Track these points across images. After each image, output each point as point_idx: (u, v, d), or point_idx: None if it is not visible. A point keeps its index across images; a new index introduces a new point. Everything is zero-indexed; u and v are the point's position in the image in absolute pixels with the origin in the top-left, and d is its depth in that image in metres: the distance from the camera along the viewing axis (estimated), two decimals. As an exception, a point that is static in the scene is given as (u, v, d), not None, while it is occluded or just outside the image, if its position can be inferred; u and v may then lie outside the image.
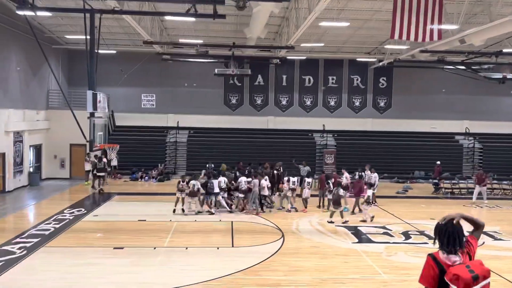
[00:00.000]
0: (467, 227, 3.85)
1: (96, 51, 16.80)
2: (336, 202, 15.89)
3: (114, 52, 25.53)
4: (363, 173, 19.97)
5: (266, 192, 17.29)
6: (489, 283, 3.41)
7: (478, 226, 3.93)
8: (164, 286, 9.56)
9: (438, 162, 22.74)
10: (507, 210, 19.04)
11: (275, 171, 19.41)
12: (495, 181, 24.02)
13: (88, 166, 22.90)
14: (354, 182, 18.61)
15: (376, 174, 19.46)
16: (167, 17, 18.60)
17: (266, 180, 17.42)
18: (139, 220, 15.51)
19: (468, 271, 3.39)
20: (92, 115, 17.50)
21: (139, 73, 26.96)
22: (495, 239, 14.10)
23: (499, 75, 21.94)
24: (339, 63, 29.47)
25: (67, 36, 24.60)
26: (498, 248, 12.93)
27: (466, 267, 3.44)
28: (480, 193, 20.33)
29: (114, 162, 24.86)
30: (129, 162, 26.15)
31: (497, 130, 29.36)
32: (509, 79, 22.11)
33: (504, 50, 21.82)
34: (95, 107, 16.67)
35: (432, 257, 3.69)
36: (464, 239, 3.71)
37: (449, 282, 3.41)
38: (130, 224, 14.89)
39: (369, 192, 16.88)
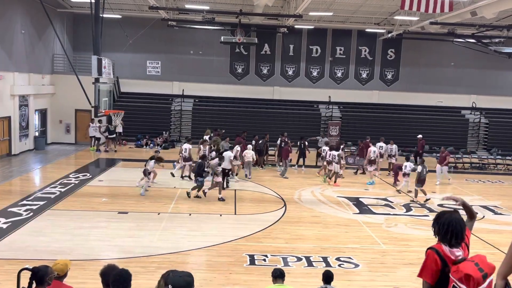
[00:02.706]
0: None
1: (101, 15, 16.60)
2: (420, 181, 15.11)
3: (119, 17, 25.18)
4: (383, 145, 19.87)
5: (228, 165, 15.76)
6: (492, 279, 3.20)
7: (472, 216, 3.84)
8: (167, 251, 9.77)
9: (420, 136, 22.26)
10: (508, 185, 19.08)
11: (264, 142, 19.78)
12: (499, 156, 24.00)
13: (92, 132, 23.06)
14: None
15: (395, 146, 20.04)
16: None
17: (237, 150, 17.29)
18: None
19: (478, 269, 3.17)
20: (97, 80, 17.48)
21: (144, 39, 26.67)
22: (495, 213, 14.21)
23: (509, 50, 21.56)
24: (348, 34, 29.00)
25: None
26: (498, 222, 13.05)
27: (475, 265, 3.21)
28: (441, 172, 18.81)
29: (119, 129, 24.93)
30: (134, 129, 26.24)
31: (504, 106, 29.08)
32: (520, 54, 21.76)
33: (516, 24, 21.38)
34: (100, 72, 16.63)
35: (435, 251, 3.41)
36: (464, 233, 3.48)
37: (457, 281, 3.18)
38: (135, 190, 15.08)
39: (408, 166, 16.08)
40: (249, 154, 17.84)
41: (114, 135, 23.47)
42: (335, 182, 17.49)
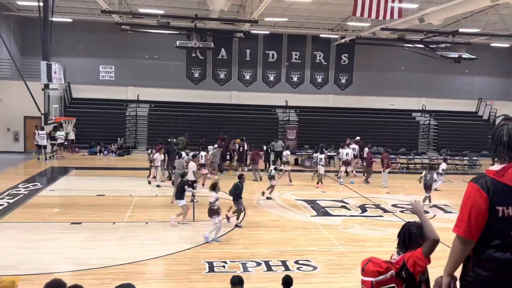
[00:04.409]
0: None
1: (50, 19, 16.02)
2: (427, 187, 15.14)
3: (70, 20, 24.45)
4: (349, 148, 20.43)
5: (192, 177, 14.30)
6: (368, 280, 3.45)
7: (427, 237, 3.34)
8: (123, 261, 9.51)
9: (358, 138, 22.81)
10: (457, 184, 19.94)
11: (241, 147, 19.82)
12: (448, 157, 25.06)
13: (39, 140, 22.08)
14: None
15: (357, 147, 21.16)
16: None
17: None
18: (97, 195, 15.25)
19: (365, 262, 3.55)
20: (46, 86, 16.83)
21: (97, 43, 25.99)
22: (445, 211, 14.82)
23: (455, 54, 22.59)
24: (303, 39, 29.49)
25: (19, 3, 23.26)
26: (448, 220, 13.59)
27: (369, 260, 3.56)
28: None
29: (72, 136, 24.17)
30: (87, 136, 25.47)
31: (451, 108, 30.48)
32: (464, 59, 22.83)
33: (461, 30, 22.48)
34: (49, 78, 16.04)
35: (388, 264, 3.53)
36: (410, 245, 3.47)
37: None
38: (89, 199, 14.62)
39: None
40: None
41: (56, 142, 22.64)
42: (317, 183, 18.11)
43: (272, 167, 16.51)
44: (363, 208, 14.92)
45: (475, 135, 28.04)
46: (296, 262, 9.77)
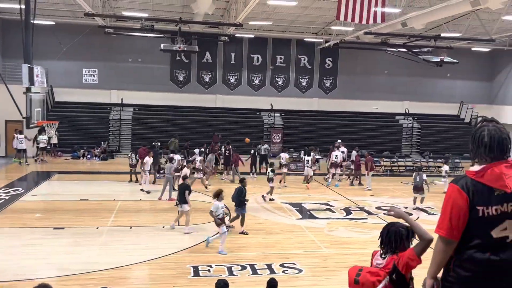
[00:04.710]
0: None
1: (32, 21, 15.79)
2: (418, 188, 15.45)
3: (53, 23, 24.14)
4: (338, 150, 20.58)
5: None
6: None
7: (420, 238, 3.42)
8: (107, 266, 9.40)
9: (339, 141, 22.74)
10: (440, 187, 20.16)
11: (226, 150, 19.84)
12: (431, 159, 25.40)
13: (17, 144, 21.63)
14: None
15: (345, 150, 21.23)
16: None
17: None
18: (80, 200, 15.06)
19: (356, 273, 3.53)
20: (28, 90, 16.53)
21: (80, 46, 25.70)
22: (429, 213, 15.01)
23: (437, 58, 22.90)
24: (287, 43, 29.61)
25: (0, 5, 22.91)
26: (431, 222, 13.73)
27: (359, 270, 3.56)
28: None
29: (54, 140, 23.83)
30: (70, 140, 25.14)
31: (434, 111, 30.92)
32: (446, 62, 23.17)
33: (442, 35, 22.83)
34: (31, 81, 15.78)
35: (372, 254, 3.77)
36: (399, 246, 3.55)
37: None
38: (71, 204, 14.42)
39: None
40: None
41: (39, 146, 22.40)
42: (307, 183, 18.54)
43: (269, 169, 16.54)
44: (347, 211, 15.02)
45: (457, 138, 28.46)
46: (282, 265, 9.78)
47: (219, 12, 24.06)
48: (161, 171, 18.83)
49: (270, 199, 16.07)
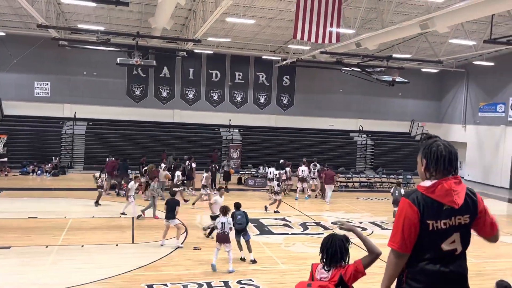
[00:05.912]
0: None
1: (-20, 31, 15.16)
2: (397, 202, 15.26)
3: (3, 34, 23.28)
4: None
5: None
6: None
7: (369, 252, 3.63)
8: (57, 286, 8.98)
9: (282, 161, 22.80)
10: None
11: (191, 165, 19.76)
12: (384, 175, 26.15)
13: None
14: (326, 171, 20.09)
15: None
16: (64, 0, 17.33)
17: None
18: (29, 218, 14.39)
19: None
20: (-26, 102, 15.78)
21: (32, 58, 24.88)
22: (382, 228, 15.39)
23: (389, 78, 23.86)
24: (246, 60, 29.92)
25: None
26: (384, 236, 14.14)
27: (308, 285, 3.65)
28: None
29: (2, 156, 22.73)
30: (19, 155, 24.05)
31: (387, 129, 32.04)
32: (398, 82, 24.17)
33: (394, 55, 23.86)
34: (-22, 93, 15.07)
35: (311, 268, 3.88)
36: (346, 259, 3.73)
37: None
38: (19, 222, 13.74)
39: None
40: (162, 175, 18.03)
41: None
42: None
43: (275, 183, 17.75)
44: (304, 226, 15.16)
45: (408, 155, 29.46)
46: (239, 282, 9.69)
47: (178, 28, 24.05)
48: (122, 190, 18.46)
49: (275, 211, 16.68)
